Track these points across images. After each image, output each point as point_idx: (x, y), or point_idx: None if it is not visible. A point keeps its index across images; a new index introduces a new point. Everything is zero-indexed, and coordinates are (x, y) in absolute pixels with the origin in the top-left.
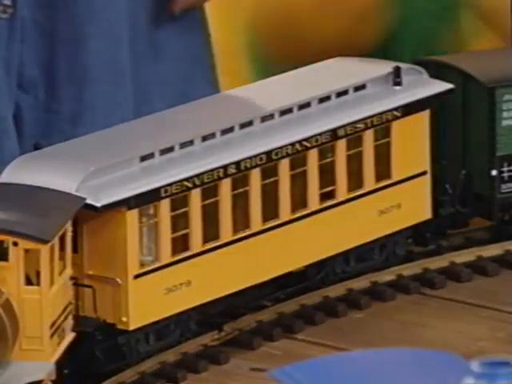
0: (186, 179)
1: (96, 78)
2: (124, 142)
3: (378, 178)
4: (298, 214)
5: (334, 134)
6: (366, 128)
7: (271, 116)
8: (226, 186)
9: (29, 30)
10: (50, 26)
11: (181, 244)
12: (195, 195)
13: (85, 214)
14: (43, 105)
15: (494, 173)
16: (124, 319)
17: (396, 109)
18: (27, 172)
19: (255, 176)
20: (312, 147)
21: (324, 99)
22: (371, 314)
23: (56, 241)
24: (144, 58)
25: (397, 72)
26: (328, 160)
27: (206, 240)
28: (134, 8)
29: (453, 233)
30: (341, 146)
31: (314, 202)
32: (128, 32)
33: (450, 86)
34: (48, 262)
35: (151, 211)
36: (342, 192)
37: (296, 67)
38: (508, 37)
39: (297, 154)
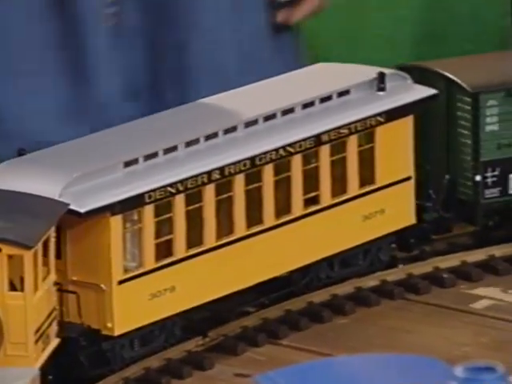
0: (170, 185)
1: (198, 80)
2: (108, 148)
3: (362, 184)
4: (282, 220)
5: (317, 139)
6: (350, 133)
7: (255, 122)
8: (209, 191)
9: (133, 37)
10: (154, 32)
11: (165, 249)
12: (179, 201)
13: (68, 220)
14: (149, 111)
15: (477, 178)
16: (109, 325)
17: (380, 114)
18: (10, 178)
19: (239, 182)
20: (296, 153)
21: (308, 105)
22: (356, 320)
23: (39, 246)
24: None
25: (381, 77)
26: (312, 165)
27: (189, 245)
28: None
29: (437, 238)
30: (325, 151)
31: (298, 208)
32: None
33: (433, 91)
34: (32, 268)
35: (135, 217)
36: (326, 197)
37: None
38: None
39: (281, 159)
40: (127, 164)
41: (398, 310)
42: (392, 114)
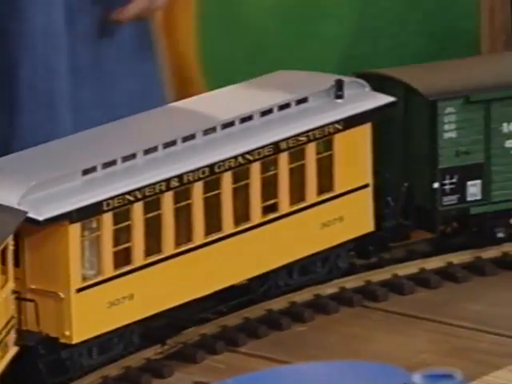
0: (129, 193)
1: (25, 106)
2: (66, 156)
3: (321, 191)
4: (240, 227)
5: (276, 147)
6: (309, 141)
7: (213, 129)
8: (168, 199)
9: None
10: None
11: (123, 257)
12: (137, 209)
13: (27, 228)
14: None
15: (435, 185)
16: (67, 333)
17: (338, 122)
18: None
19: (198, 189)
20: (254, 160)
21: (266, 112)
22: (314, 327)
23: None
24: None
25: (339, 85)
26: (270, 173)
27: (148, 253)
28: (76, 34)
29: (395, 245)
30: (283, 159)
31: (256, 215)
32: (68, 62)
33: (392, 99)
34: None
35: (93, 225)
36: (284, 205)
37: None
38: None
39: (239, 167)
40: (85, 172)
41: (356, 317)
42: (350, 122)
